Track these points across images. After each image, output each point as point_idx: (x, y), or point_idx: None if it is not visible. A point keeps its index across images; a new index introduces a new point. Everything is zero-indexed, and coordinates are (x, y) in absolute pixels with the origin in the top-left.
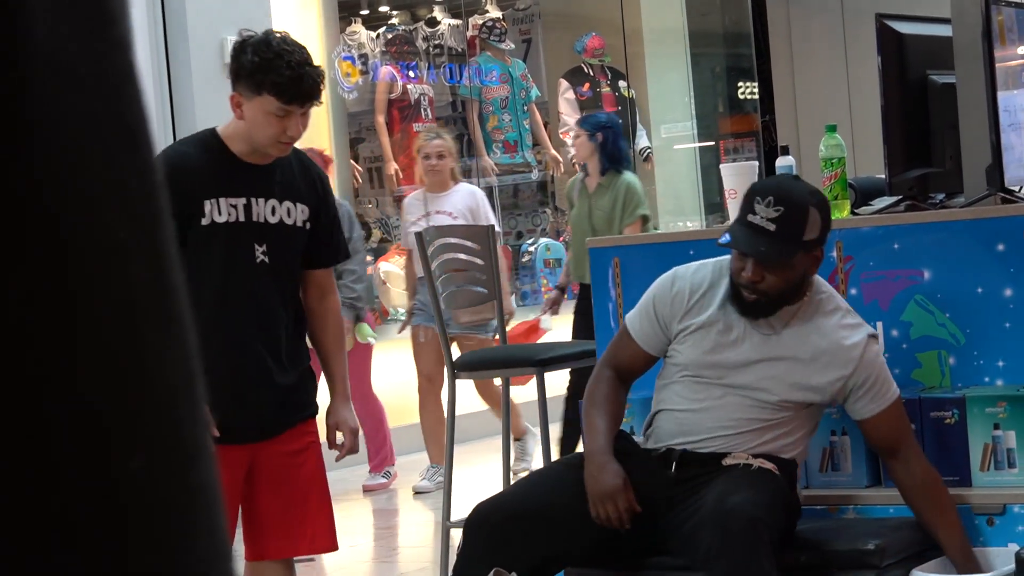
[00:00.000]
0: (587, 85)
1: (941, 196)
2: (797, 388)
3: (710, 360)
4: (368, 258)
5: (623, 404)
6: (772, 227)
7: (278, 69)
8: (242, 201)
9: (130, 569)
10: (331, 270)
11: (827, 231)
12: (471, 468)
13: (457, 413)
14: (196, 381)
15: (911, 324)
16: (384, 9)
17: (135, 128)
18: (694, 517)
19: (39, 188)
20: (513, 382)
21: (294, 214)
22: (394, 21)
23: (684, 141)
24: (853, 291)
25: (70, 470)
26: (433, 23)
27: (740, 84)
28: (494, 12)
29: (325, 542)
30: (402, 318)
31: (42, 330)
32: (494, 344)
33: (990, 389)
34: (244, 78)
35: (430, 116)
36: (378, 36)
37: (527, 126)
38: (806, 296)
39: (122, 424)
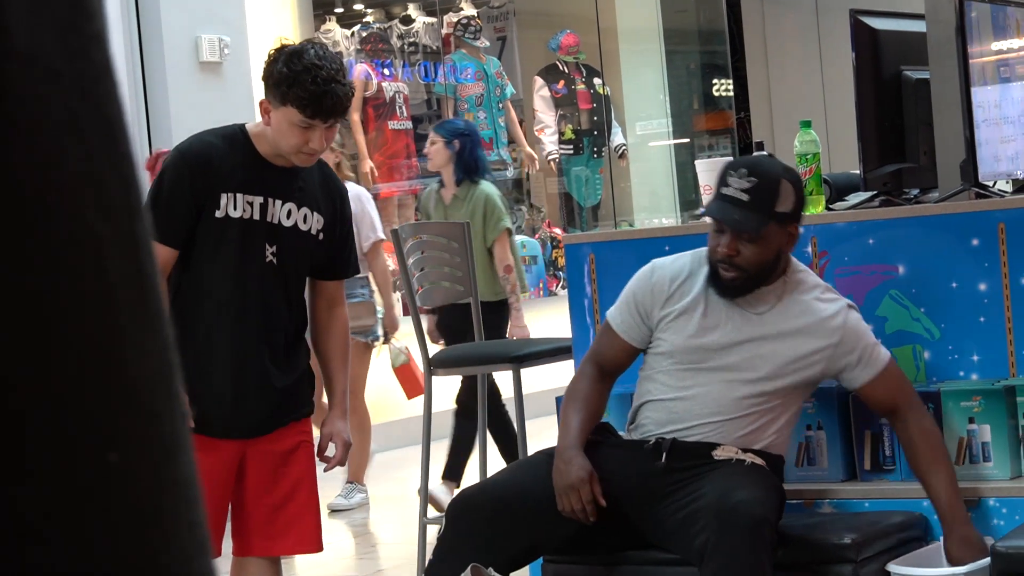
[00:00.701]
0: (562, 82)
1: (915, 191)
2: (783, 364)
3: (694, 344)
4: None
5: (602, 401)
6: (745, 197)
7: (303, 84)
8: (259, 200)
9: (109, 563)
10: (341, 283)
11: (801, 208)
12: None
13: (433, 410)
14: (174, 374)
15: (886, 319)
16: (359, 7)
17: (112, 121)
18: (687, 508)
19: (16, 182)
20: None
21: (309, 221)
22: (369, 19)
23: (659, 138)
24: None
25: (47, 464)
26: (408, 21)
27: (715, 81)
28: (469, 10)
29: (310, 543)
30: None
31: (17, 323)
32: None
33: (965, 383)
34: (272, 87)
35: (405, 114)
36: (353, 34)
37: (502, 124)
38: (784, 275)
39: (99, 418)
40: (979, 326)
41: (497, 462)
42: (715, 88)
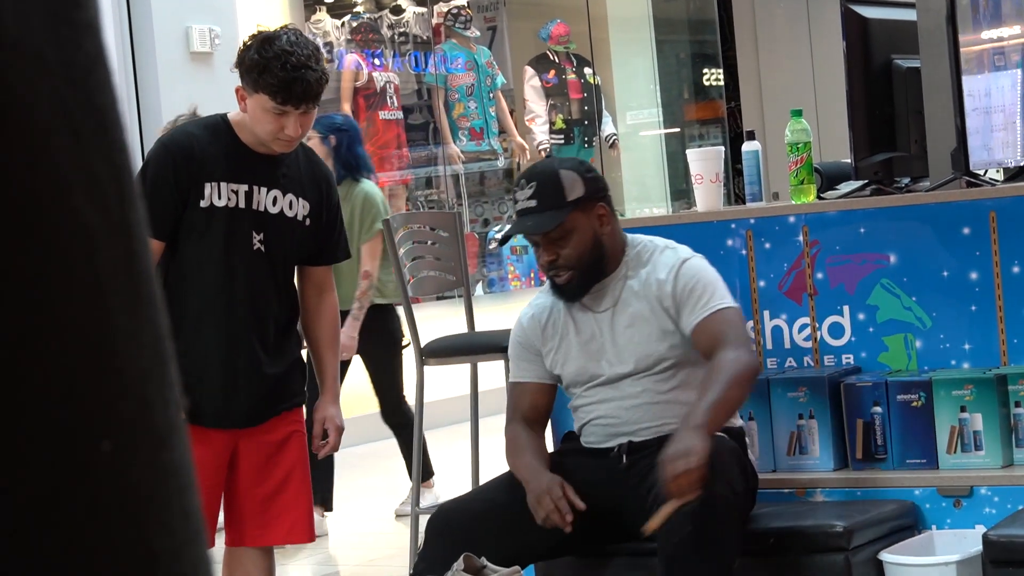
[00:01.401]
0: (552, 72)
1: (906, 180)
2: (656, 342)
3: (587, 364)
4: None
5: (541, 443)
6: (533, 203)
7: (274, 70)
8: (244, 188)
9: (103, 550)
10: (330, 269)
11: (596, 185)
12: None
13: (425, 400)
14: (167, 363)
15: (877, 308)
16: None
17: (104, 111)
18: (652, 491)
19: (6, 172)
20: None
21: (295, 207)
22: (359, 9)
23: (650, 128)
24: (819, 275)
25: (41, 453)
26: (398, 11)
27: (705, 70)
28: (459, 0)
29: (302, 533)
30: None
31: (9, 314)
32: None
33: (956, 372)
34: (244, 74)
35: (396, 104)
36: (343, 24)
37: (493, 113)
38: (624, 256)
39: (93, 407)
40: (970, 315)
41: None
42: (706, 77)
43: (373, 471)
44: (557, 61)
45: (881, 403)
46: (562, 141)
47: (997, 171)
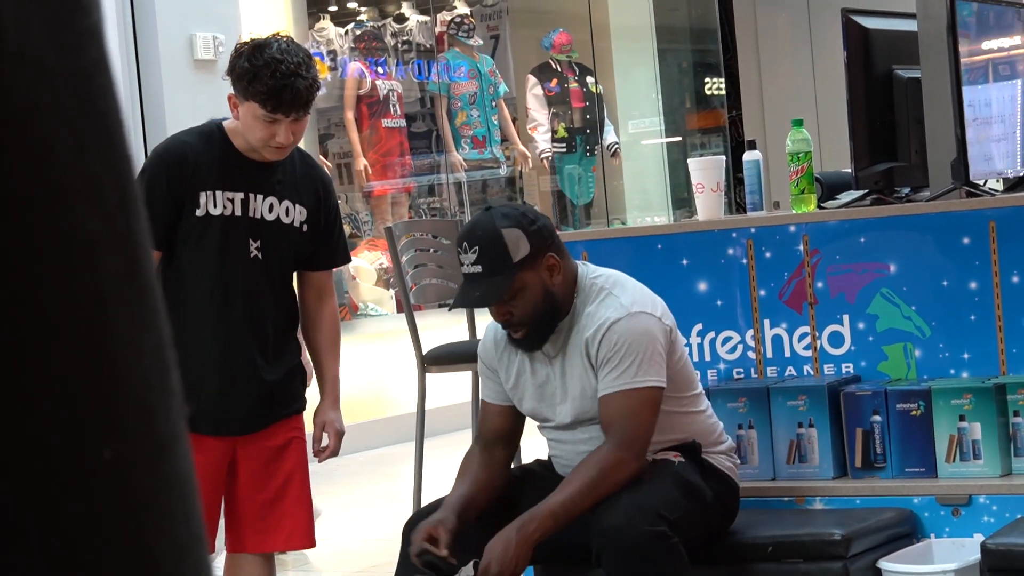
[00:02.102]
0: (555, 81)
1: (907, 190)
2: (592, 395)
3: (540, 406)
4: None
5: (490, 474)
6: (479, 268)
7: (263, 78)
8: (239, 195)
9: (105, 556)
10: (330, 272)
11: (541, 237)
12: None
13: (427, 407)
14: (169, 371)
15: (877, 317)
16: (352, 5)
17: (106, 117)
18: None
19: (8, 180)
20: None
21: (292, 214)
22: (363, 17)
23: (651, 136)
24: (820, 284)
25: (43, 460)
26: (401, 19)
27: (707, 80)
28: (462, 8)
29: (302, 539)
30: (372, 313)
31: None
32: None
33: (956, 381)
34: (235, 82)
35: (399, 112)
36: (347, 32)
37: (495, 122)
38: (573, 300)
39: (95, 414)
40: (970, 324)
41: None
42: (707, 87)
43: (373, 477)
44: (559, 70)
45: (880, 412)
46: (564, 149)
47: (997, 181)
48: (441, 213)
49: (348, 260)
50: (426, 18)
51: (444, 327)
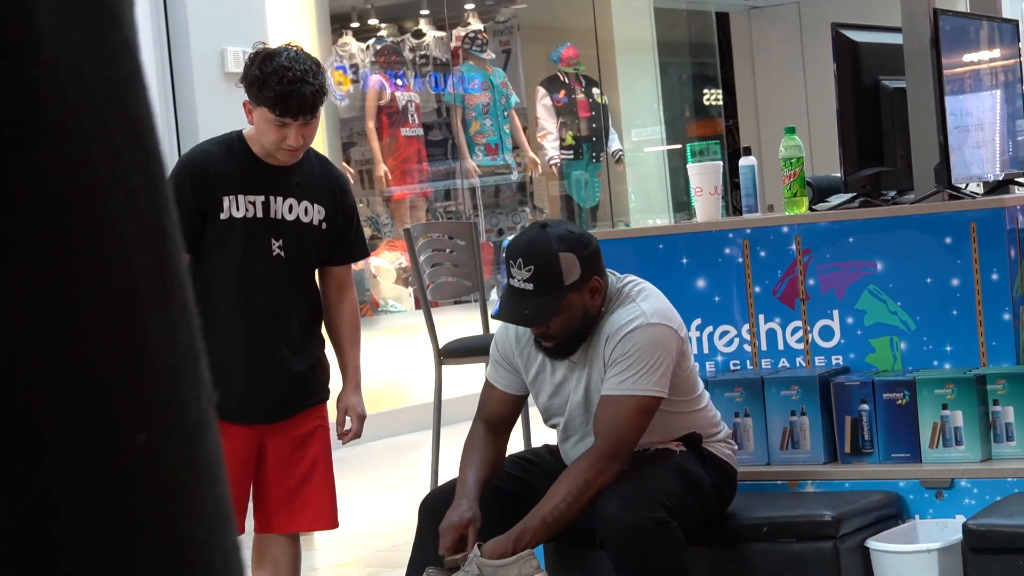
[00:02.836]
0: (563, 92)
1: (893, 193)
2: None
3: (552, 406)
4: None
5: (497, 454)
6: (530, 286)
7: (271, 85)
8: (260, 198)
9: (138, 534)
10: (349, 267)
11: (591, 263)
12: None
13: (443, 398)
14: (199, 361)
15: (865, 312)
16: (373, 22)
17: (140, 123)
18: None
19: (48, 183)
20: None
21: (311, 213)
22: (383, 33)
23: (653, 144)
24: (811, 281)
25: (82, 444)
26: (419, 35)
27: (705, 91)
28: (476, 24)
29: (326, 521)
30: (391, 309)
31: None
32: None
33: (938, 372)
34: (247, 88)
35: (417, 121)
36: (368, 47)
37: (507, 130)
38: (603, 311)
39: (129, 401)
40: (952, 319)
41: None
42: (706, 97)
43: (393, 463)
44: (567, 82)
45: (868, 401)
46: (572, 156)
47: (977, 185)
48: (456, 216)
49: (367, 254)
50: (442, 34)
51: (459, 322)
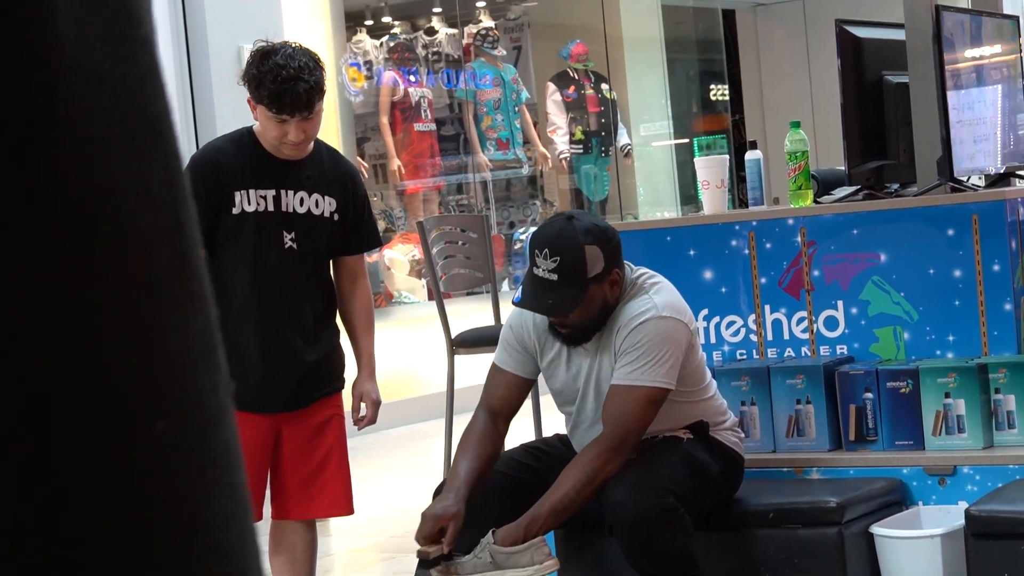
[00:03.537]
0: (572, 88)
1: (896, 186)
2: None
3: (565, 393)
4: None
5: (494, 447)
6: (555, 277)
7: (267, 83)
8: (271, 192)
9: (156, 519)
10: (362, 257)
11: (614, 256)
12: None
13: (456, 387)
14: (216, 352)
15: (869, 302)
16: (387, 20)
17: (158, 120)
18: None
19: (68, 180)
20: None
21: (322, 205)
22: (396, 31)
23: (661, 139)
24: (816, 272)
25: (101, 432)
26: (432, 32)
27: (712, 86)
28: (487, 22)
29: (342, 507)
30: (405, 300)
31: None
32: None
33: (941, 361)
34: (247, 86)
35: (429, 117)
36: (381, 44)
37: (518, 125)
38: (618, 303)
39: (147, 391)
40: (954, 309)
41: None
42: (712, 93)
43: (406, 451)
44: (576, 78)
45: (872, 390)
46: (581, 151)
47: (979, 178)
48: (468, 209)
49: (380, 244)
50: (454, 31)
51: (471, 313)
